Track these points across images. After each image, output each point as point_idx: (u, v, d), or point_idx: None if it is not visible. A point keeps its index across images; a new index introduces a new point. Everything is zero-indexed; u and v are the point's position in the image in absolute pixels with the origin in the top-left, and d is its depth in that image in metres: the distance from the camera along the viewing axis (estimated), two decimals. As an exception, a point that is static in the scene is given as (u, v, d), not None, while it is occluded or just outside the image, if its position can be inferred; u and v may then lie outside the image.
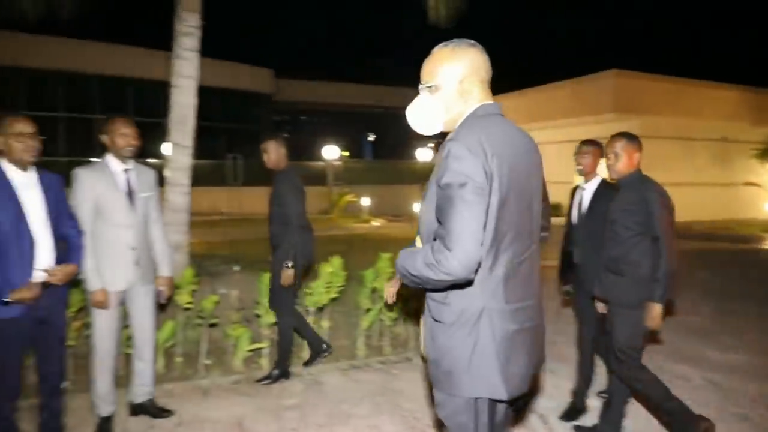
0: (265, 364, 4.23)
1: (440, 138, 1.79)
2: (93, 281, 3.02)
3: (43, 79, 20.08)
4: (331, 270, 4.54)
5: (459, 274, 1.50)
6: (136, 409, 3.38)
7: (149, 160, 15.54)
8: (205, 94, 5.52)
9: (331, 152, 21.40)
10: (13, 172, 2.65)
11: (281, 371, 4.01)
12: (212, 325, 4.28)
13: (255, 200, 19.48)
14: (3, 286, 2.55)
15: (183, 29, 5.29)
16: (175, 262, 4.85)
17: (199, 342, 4.23)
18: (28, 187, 2.69)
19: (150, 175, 3.34)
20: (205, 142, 5.95)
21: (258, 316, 4.22)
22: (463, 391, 1.65)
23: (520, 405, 1.84)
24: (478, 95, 1.72)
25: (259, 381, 3.94)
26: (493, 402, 1.72)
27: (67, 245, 2.84)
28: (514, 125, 1.73)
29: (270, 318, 4.19)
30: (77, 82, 20.77)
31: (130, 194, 3.16)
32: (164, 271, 3.40)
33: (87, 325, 3.84)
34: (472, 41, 1.74)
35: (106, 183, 3.08)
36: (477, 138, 1.57)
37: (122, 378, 3.68)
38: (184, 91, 5.34)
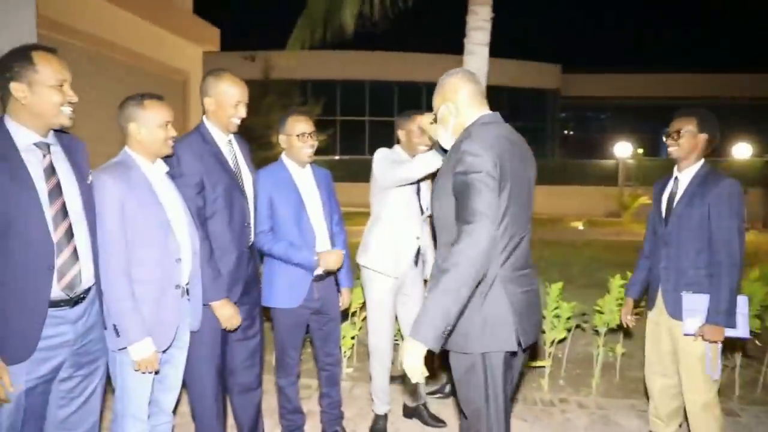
0: (546, 386, 3.78)
1: None
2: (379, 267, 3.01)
3: (353, 88, 23.11)
4: (621, 283, 3.82)
5: (484, 241, 1.74)
6: (410, 412, 3.31)
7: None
8: (489, 93, 5.34)
9: (624, 149, 19.43)
10: (293, 168, 2.78)
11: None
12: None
13: (538, 199, 18.91)
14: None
15: (474, 24, 5.18)
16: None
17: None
18: (305, 182, 2.80)
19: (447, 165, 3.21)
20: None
21: (542, 331, 3.79)
22: (477, 348, 1.89)
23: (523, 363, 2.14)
24: (467, 108, 2.05)
25: (431, 393, 3.54)
26: (509, 357, 1.95)
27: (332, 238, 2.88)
28: (512, 129, 2.06)
29: (556, 333, 3.72)
30: (380, 89, 23.33)
31: (418, 185, 3.09)
32: None
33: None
34: (453, 71, 2.13)
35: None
36: (485, 137, 1.90)
37: (397, 375, 3.68)
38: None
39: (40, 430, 1.87)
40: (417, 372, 1.74)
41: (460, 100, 2.05)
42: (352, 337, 3.87)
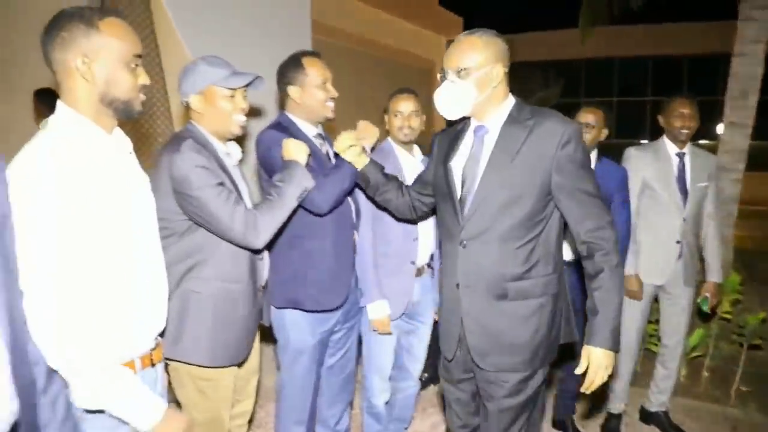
0: (830, 418, 3.13)
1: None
2: (628, 265, 2.82)
3: (600, 66, 21.49)
4: None
5: None
6: (648, 417, 3.07)
7: (702, 142, 14.40)
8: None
9: None
10: None
11: None
12: (755, 347, 3.47)
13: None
14: None
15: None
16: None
17: (736, 361, 3.51)
18: None
19: (709, 162, 2.86)
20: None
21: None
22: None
23: None
24: (503, 81, 1.72)
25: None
26: None
27: None
28: None
29: None
30: (630, 66, 21.25)
31: (683, 181, 2.81)
32: (713, 275, 2.91)
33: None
34: (495, 32, 1.72)
35: (657, 165, 2.81)
36: None
37: (637, 376, 3.44)
38: (747, 59, 4.47)
39: (319, 373, 2.27)
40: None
41: (501, 68, 1.69)
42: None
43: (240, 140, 1.93)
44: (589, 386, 1.65)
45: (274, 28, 4.74)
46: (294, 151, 1.90)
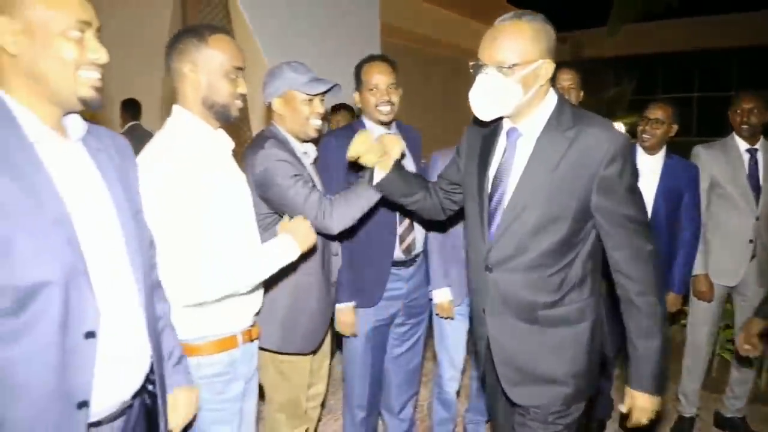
0: None
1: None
2: (697, 265, 2.76)
3: (679, 60, 20.43)
4: None
5: None
6: (723, 423, 2.98)
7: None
8: None
9: None
10: (640, 156, 2.65)
11: None
12: None
13: None
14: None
15: None
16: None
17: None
18: (652, 172, 2.63)
19: None
20: None
21: None
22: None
23: None
24: (549, 77, 1.44)
25: None
26: None
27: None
28: None
29: None
30: (713, 59, 20.04)
31: (755, 178, 2.72)
32: None
33: (684, 313, 3.65)
34: (544, 16, 1.42)
35: (726, 163, 2.75)
36: None
37: (713, 381, 3.33)
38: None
39: (382, 360, 2.39)
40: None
41: (552, 62, 1.43)
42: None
43: (316, 141, 2.07)
44: (635, 425, 1.56)
45: (345, 32, 4.92)
46: (389, 146, 2.01)
